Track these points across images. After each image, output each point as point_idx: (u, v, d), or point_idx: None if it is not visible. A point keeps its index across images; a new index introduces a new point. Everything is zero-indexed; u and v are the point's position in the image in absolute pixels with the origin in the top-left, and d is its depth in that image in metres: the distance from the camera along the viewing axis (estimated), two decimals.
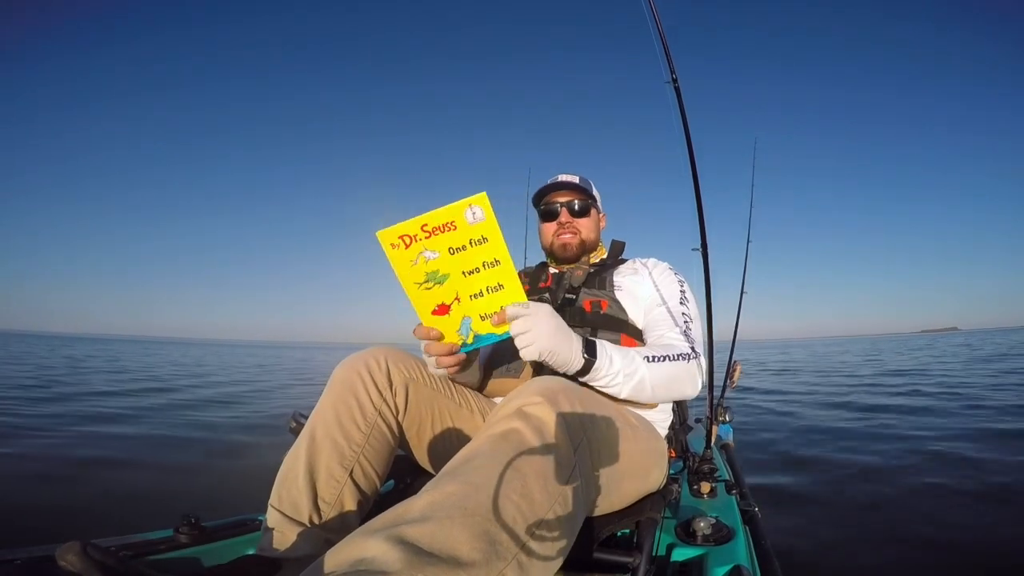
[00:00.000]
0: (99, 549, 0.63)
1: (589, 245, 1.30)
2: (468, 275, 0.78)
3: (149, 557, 0.84)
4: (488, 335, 0.81)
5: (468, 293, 0.79)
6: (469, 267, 0.78)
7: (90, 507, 2.19)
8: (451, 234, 0.76)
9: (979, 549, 1.75)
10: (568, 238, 1.27)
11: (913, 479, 2.55)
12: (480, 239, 0.76)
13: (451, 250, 0.77)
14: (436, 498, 0.55)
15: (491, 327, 0.81)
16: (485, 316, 0.80)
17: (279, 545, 0.79)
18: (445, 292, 0.79)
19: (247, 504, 1.08)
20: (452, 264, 0.77)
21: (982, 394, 5.58)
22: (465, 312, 0.80)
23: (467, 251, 0.77)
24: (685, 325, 1.13)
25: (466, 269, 0.78)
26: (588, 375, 0.93)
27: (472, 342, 0.82)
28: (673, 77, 1.13)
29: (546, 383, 0.73)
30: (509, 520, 0.55)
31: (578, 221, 1.28)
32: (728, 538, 0.93)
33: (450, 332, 0.82)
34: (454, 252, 0.77)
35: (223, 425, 4.45)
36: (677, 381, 1.03)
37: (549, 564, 0.59)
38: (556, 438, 0.65)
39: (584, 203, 1.28)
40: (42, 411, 4.66)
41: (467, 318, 0.80)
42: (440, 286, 0.79)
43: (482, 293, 0.79)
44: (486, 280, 0.79)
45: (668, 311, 1.16)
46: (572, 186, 1.29)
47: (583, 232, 1.28)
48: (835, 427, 4.05)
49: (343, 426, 0.86)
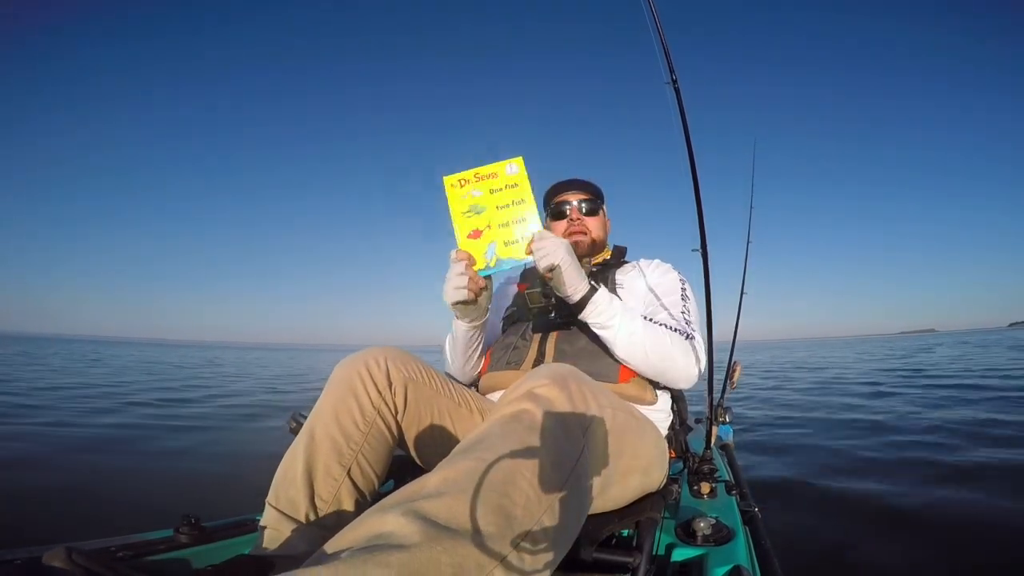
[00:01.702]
0: (84, 554, 0.63)
1: (598, 244, 1.33)
2: (500, 209, 1.02)
3: (149, 557, 0.84)
4: (508, 259, 1.01)
5: (498, 223, 1.01)
6: (502, 203, 1.02)
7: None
8: (493, 180, 1.03)
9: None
10: (578, 236, 1.29)
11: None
12: (513, 184, 1.03)
13: (492, 190, 1.02)
14: (450, 474, 0.56)
15: (512, 252, 1.00)
16: (508, 242, 1.01)
17: (275, 543, 0.79)
18: (481, 220, 1.02)
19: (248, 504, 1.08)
20: (490, 200, 1.02)
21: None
22: (493, 238, 1.01)
23: (503, 191, 1.02)
24: (684, 316, 1.16)
25: (499, 204, 1.02)
26: (588, 307, 1.03)
27: (495, 265, 1.01)
28: (673, 78, 1.13)
29: (556, 367, 0.75)
30: (523, 495, 0.56)
31: (588, 220, 1.32)
32: (728, 538, 0.93)
33: (479, 254, 1.01)
34: (493, 192, 1.02)
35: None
36: (671, 351, 1.07)
37: (563, 537, 0.60)
38: (566, 419, 0.67)
39: (593, 203, 1.32)
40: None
41: (493, 243, 1.01)
42: (478, 216, 1.02)
43: (508, 224, 1.01)
44: (513, 214, 1.01)
45: (669, 304, 1.19)
46: (583, 185, 1.31)
47: (593, 231, 1.31)
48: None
49: (342, 425, 0.86)
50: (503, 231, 1.01)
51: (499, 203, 1.01)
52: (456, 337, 1.19)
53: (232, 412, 5.31)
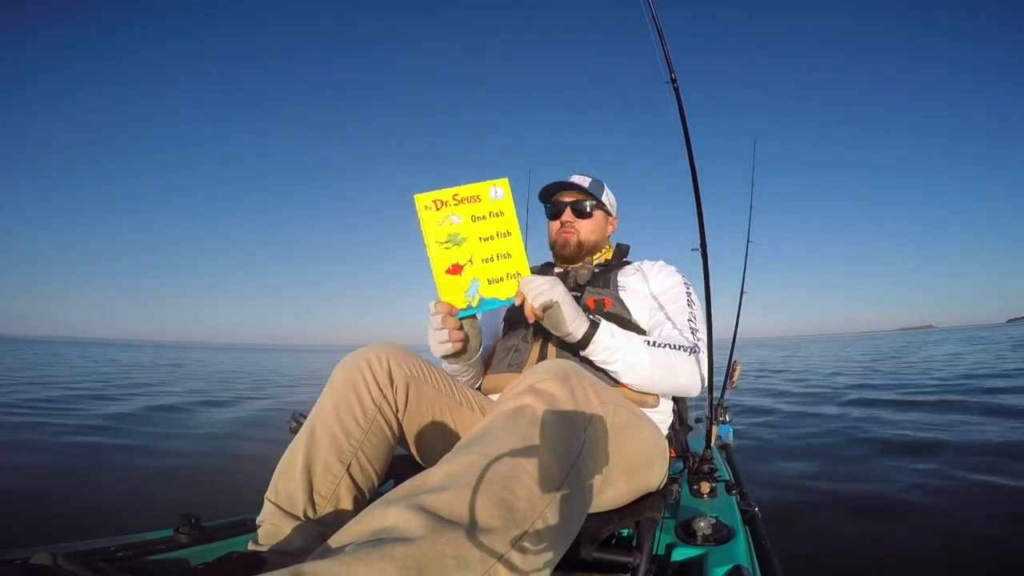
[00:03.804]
0: (69, 557, 0.63)
1: (588, 246, 1.32)
2: (483, 241, 0.91)
3: (149, 557, 0.84)
4: (492, 299, 0.92)
5: (481, 257, 0.92)
6: (485, 234, 0.92)
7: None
8: (475, 204, 0.91)
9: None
10: (568, 237, 1.30)
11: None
12: (498, 212, 0.92)
13: (473, 218, 0.91)
14: (454, 468, 0.57)
15: (496, 292, 0.91)
16: (492, 280, 0.92)
17: (272, 539, 0.79)
18: (462, 253, 0.91)
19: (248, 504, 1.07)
20: (472, 229, 0.91)
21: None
22: (475, 275, 0.91)
23: (486, 220, 0.91)
24: (690, 324, 1.16)
25: (483, 235, 0.91)
26: (590, 346, 0.99)
27: (477, 305, 0.92)
28: (672, 77, 1.13)
29: (558, 363, 0.75)
30: (525, 489, 0.57)
31: (579, 222, 1.31)
32: (728, 538, 0.93)
33: (459, 292, 0.92)
34: (475, 220, 0.91)
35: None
36: (676, 370, 1.06)
37: (565, 532, 0.60)
38: (568, 414, 0.67)
39: (589, 205, 1.30)
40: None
41: (476, 281, 0.91)
42: (458, 247, 0.91)
43: (493, 259, 0.92)
44: (498, 247, 0.92)
45: (674, 312, 1.19)
46: (577, 187, 1.31)
47: (582, 233, 1.31)
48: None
49: (342, 421, 0.86)
50: (487, 267, 0.92)
51: (482, 234, 0.91)
52: (447, 371, 1.14)
53: (232, 412, 5.30)
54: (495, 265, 0.92)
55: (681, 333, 1.14)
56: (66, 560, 0.62)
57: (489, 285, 0.92)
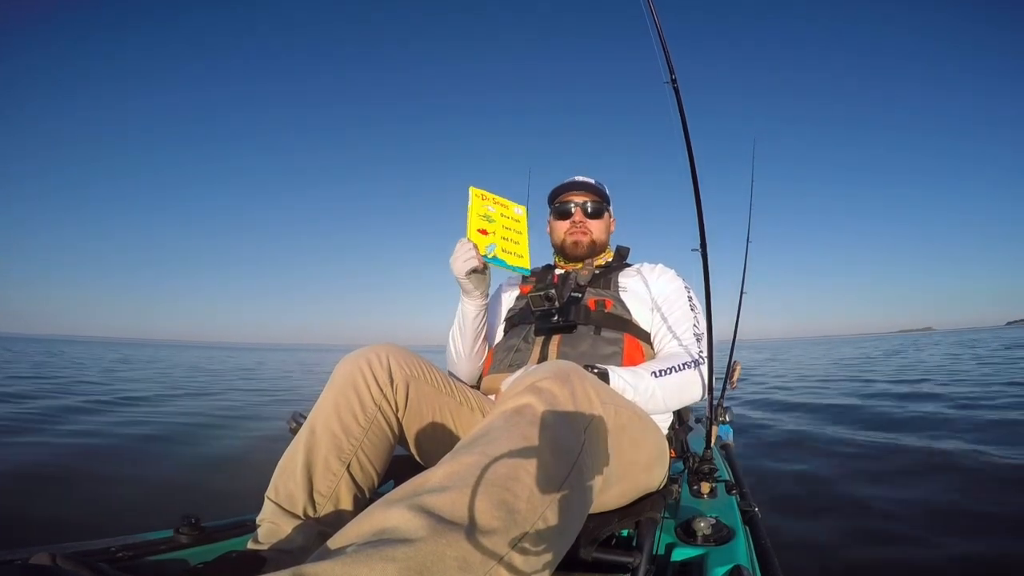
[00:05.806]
0: (70, 558, 0.63)
1: (599, 246, 1.34)
2: (505, 229, 1.24)
3: (149, 558, 0.84)
4: (502, 260, 1.18)
5: (500, 235, 1.23)
6: (506, 226, 1.25)
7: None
8: (504, 209, 1.27)
9: None
10: (580, 237, 1.30)
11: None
12: (516, 220, 1.27)
13: (502, 214, 1.26)
14: (454, 469, 0.57)
15: (507, 257, 1.19)
16: (506, 250, 1.21)
17: (272, 537, 0.79)
18: (490, 226, 1.23)
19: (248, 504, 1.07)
20: (499, 219, 1.25)
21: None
22: (495, 240, 1.20)
23: (508, 220, 1.26)
24: (694, 331, 1.16)
25: (505, 226, 1.25)
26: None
27: (491, 256, 1.18)
28: (672, 77, 1.13)
29: (559, 363, 0.75)
30: (526, 490, 0.57)
31: (590, 222, 1.32)
32: (728, 538, 0.93)
33: (482, 245, 1.19)
34: (503, 216, 1.26)
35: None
36: (685, 389, 1.10)
37: (565, 532, 0.60)
38: (568, 414, 0.67)
39: (598, 205, 1.33)
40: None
41: (493, 244, 1.19)
42: (489, 223, 1.23)
43: (507, 238, 1.23)
44: (511, 234, 1.24)
45: (677, 319, 1.20)
46: (588, 187, 1.32)
47: (594, 233, 1.32)
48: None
49: (342, 420, 0.86)
50: (504, 242, 1.23)
51: (504, 224, 1.26)
52: (465, 318, 1.24)
53: (232, 413, 5.30)
54: (508, 241, 1.22)
55: (684, 346, 1.16)
56: (66, 560, 0.62)
57: (504, 252, 1.20)
